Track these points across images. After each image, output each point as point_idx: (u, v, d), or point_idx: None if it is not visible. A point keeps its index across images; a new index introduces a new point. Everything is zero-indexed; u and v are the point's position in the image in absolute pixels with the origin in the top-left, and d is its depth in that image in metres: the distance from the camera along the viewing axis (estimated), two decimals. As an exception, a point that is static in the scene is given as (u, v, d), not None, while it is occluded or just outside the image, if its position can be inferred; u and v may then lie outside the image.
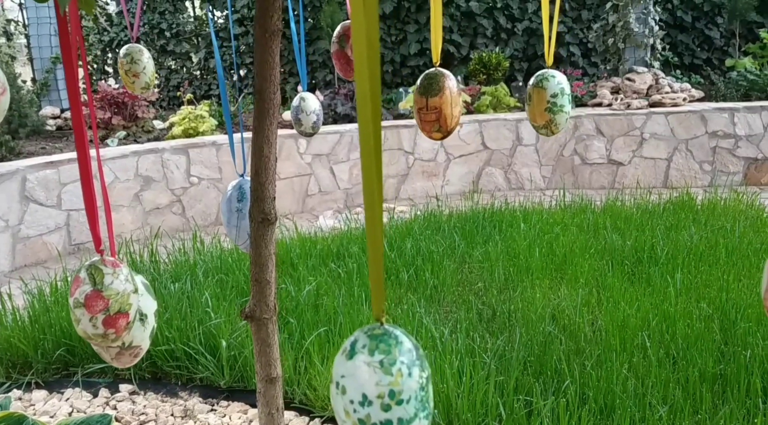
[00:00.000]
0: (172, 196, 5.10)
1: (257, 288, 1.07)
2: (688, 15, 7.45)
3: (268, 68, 1.02)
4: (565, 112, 1.19)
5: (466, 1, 7.53)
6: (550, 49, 1.21)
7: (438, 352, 2.47)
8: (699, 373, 2.27)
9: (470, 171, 5.93)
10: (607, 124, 5.69)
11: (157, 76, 8.67)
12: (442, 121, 1.13)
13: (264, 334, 1.07)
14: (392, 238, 4.09)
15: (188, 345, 2.74)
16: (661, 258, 3.40)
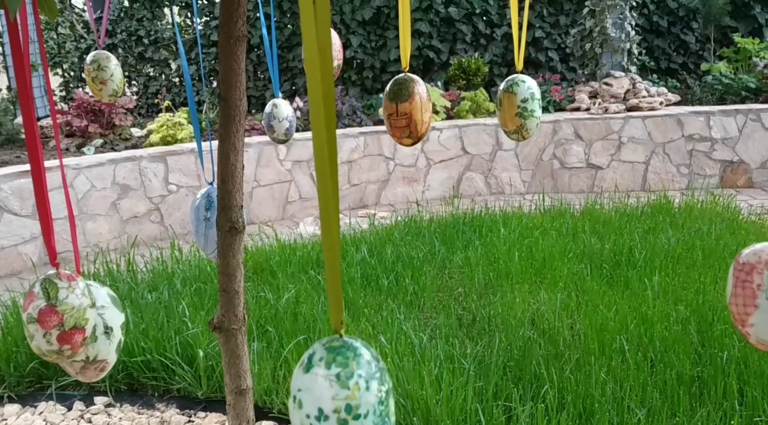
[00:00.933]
0: (150, 204, 5.05)
1: (225, 299, 1.05)
2: (664, 20, 7.55)
3: (233, 75, 1.00)
4: (535, 116, 1.18)
5: (446, 6, 7.56)
6: (520, 54, 1.21)
7: (417, 359, 2.46)
8: (676, 376, 2.27)
9: (451, 176, 5.94)
10: (586, 128, 5.73)
11: (135, 83, 8.60)
12: (413, 127, 1.12)
13: (233, 345, 1.05)
14: (372, 244, 4.07)
15: (165, 356, 2.70)
16: (639, 262, 3.42)
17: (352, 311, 3.07)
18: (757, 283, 0.64)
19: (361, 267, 3.65)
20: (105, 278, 3.79)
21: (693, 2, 7.35)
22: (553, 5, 7.64)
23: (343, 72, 7.98)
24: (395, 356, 2.47)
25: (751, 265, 0.65)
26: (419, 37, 7.65)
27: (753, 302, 0.64)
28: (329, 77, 0.49)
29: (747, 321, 0.65)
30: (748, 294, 0.65)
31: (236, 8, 0.98)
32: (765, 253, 0.65)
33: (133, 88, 8.65)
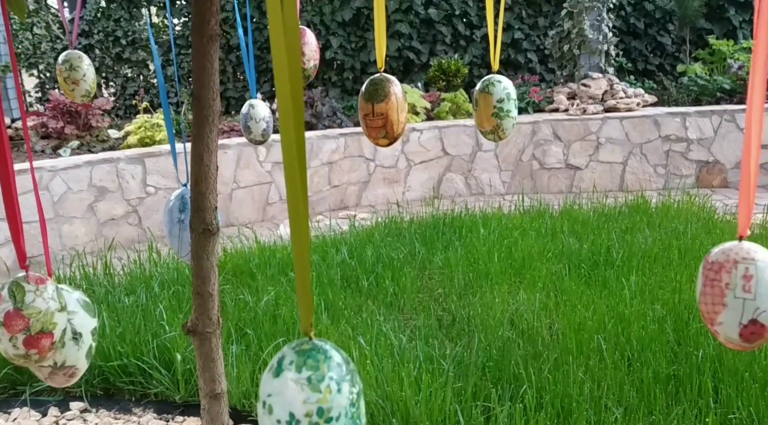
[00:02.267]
0: (128, 206, 4.99)
1: (199, 302, 1.03)
2: (641, 22, 7.64)
3: (206, 74, 0.99)
4: (511, 116, 1.19)
5: (425, 8, 7.58)
6: (496, 54, 1.21)
7: (396, 360, 2.45)
8: (653, 374, 2.30)
9: (431, 177, 5.95)
10: (564, 129, 5.77)
11: (113, 84, 8.50)
12: (389, 127, 1.12)
13: (207, 349, 1.04)
14: (353, 246, 4.07)
15: (142, 360, 2.67)
16: (616, 261, 3.45)
17: (332, 313, 3.06)
18: (725, 282, 0.65)
19: (341, 269, 3.64)
20: (81, 281, 3.74)
21: (669, 4, 7.45)
22: (532, 7, 7.70)
23: (323, 73, 7.96)
24: (375, 358, 2.47)
25: (719, 264, 0.66)
26: (399, 38, 7.66)
27: (721, 301, 0.65)
28: (297, 80, 0.48)
29: (716, 319, 0.66)
30: (716, 292, 0.65)
31: (209, 7, 0.97)
32: (733, 252, 0.66)
33: (110, 89, 8.55)
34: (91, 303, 0.94)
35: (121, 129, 6.30)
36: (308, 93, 6.37)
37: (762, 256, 0.65)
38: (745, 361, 2.30)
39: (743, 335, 0.65)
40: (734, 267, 0.65)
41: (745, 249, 0.66)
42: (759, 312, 0.64)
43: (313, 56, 1.37)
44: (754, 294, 0.64)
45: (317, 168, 5.68)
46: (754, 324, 0.64)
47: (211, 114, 0.99)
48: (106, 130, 5.89)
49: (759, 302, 0.64)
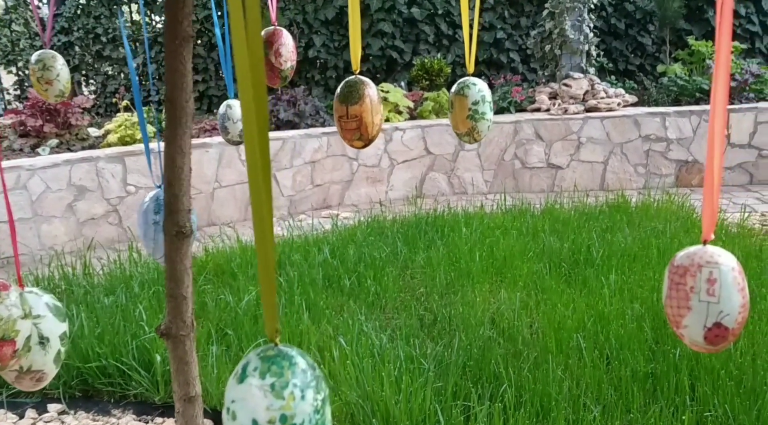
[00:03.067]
0: (108, 205, 4.94)
1: (173, 304, 1.03)
2: (622, 22, 7.70)
3: (179, 76, 0.98)
4: (486, 119, 1.19)
5: (408, 7, 7.58)
6: (471, 56, 1.22)
7: (377, 360, 2.46)
8: (631, 373, 2.32)
9: (414, 176, 5.96)
10: (546, 128, 5.81)
11: (93, 81, 8.41)
12: (363, 129, 1.11)
13: (181, 352, 1.03)
14: (335, 245, 4.06)
15: (121, 361, 2.65)
16: (596, 260, 3.48)
17: (314, 313, 3.06)
18: (690, 286, 0.65)
19: (323, 268, 3.63)
20: (60, 282, 3.70)
21: (649, 5, 7.52)
22: (514, 7, 7.73)
23: (306, 72, 7.94)
24: (355, 357, 2.47)
25: (684, 268, 0.67)
26: (382, 37, 7.66)
27: (686, 304, 0.66)
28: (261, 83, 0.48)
29: (681, 322, 0.67)
30: (681, 296, 0.66)
31: (182, 8, 0.96)
32: (698, 256, 0.67)
33: (90, 87, 8.46)
34: (61, 306, 0.93)
35: (101, 127, 6.24)
36: (291, 92, 6.35)
37: (725, 260, 0.66)
38: (722, 359, 2.33)
39: (707, 338, 0.65)
40: (699, 271, 0.65)
41: (709, 253, 0.67)
42: (722, 316, 0.65)
43: (290, 57, 1.36)
44: (718, 297, 0.64)
45: (300, 167, 5.67)
46: (718, 327, 0.65)
47: (184, 115, 0.98)
48: (85, 128, 5.83)
49: (722, 305, 0.65)
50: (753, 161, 5.71)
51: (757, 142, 5.69)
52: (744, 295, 0.66)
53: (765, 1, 7.67)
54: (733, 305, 0.65)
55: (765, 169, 5.70)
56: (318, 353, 2.67)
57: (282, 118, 5.99)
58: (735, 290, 0.65)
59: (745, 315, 0.67)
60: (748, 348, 2.43)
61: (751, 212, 4.71)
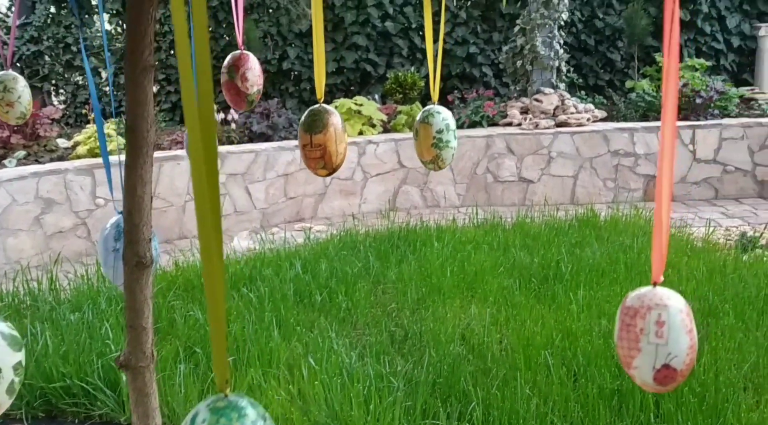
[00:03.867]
0: (77, 218, 4.87)
1: (132, 335, 1.01)
2: (591, 39, 7.84)
3: (140, 105, 0.98)
4: (450, 147, 1.20)
5: (382, 21, 7.63)
6: (436, 85, 1.23)
7: (344, 380, 2.45)
8: (598, 390, 2.35)
9: (387, 189, 5.97)
10: (518, 143, 5.87)
11: (63, 91, 8.29)
12: (327, 158, 1.12)
13: (140, 384, 1.02)
14: (307, 260, 4.05)
15: (86, 381, 2.60)
16: (565, 276, 3.52)
17: (284, 330, 3.04)
18: (639, 327, 0.67)
19: (294, 284, 3.61)
20: (25, 297, 3.63)
21: (618, 22, 7.67)
22: (487, 22, 7.83)
23: (280, 84, 7.93)
24: (325, 376, 2.46)
25: (635, 309, 0.68)
26: (356, 50, 7.69)
27: (636, 345, 0.67)
28: (208, 96, 0.48)
29: (632, 363, 0.68)
30: (632, 337, 0.67)
31: (143, 38, 0.96)
32: (647, 298, 0.68)
33: (60, 97, 8.34)
34: (17, 335, 0.91)
35: (70, 138, 6.14)
36: (264, 104, 6.33)
37: (674, 303, 0.68)
38: (685, 376, 2.37)
39: (657, 379, 0.67)
40: (648, 313, 0.67)
41: (658, 296, 0.68)
42: (671, 358, 0.66)
43: (257, 82, 1.36)
44: (666, 339, 0.66)
45: (273, 180, 5.65)
46: (667, 368, 0.66)
47: (145, 145, 0.98)
48: (54, 139, 5.74)
49: (671, 347, 0.66)
50: (718, 176, 5.84)
51: (721, 158, 5.82)
52: (692, 337, 0.68)
53: (729, 20, 7.88)
54: (681, 347, 0.66)
55: (729, 184, 5.84)
56: (288, 371, 2.65)
57: (255, 131, 5.97)
58: (683, 332, 0.66)
59: (693, 356, 0.68)
60: (711, 364, 2.47)
61: (716, 227, 4.82)
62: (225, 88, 1.38)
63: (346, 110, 6.13)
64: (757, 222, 4.97)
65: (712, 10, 7.87)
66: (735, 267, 3.59)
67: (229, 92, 1.38)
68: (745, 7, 8.03)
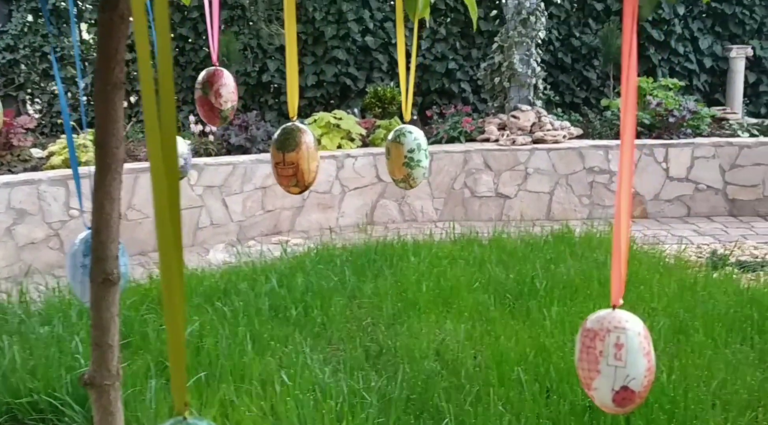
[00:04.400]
0: (49, 229, 4.80)
1: (98, 353, 1.00)
2: (568, 57, 7.96)
3: (110, 121, 0.98)
4: (422, 166, 1.22)
5: (363, 35, 7.67)
6: (408, 104, 1.24)
7: (317, 395, 2.43)
8: (570, 406, 2.36)
9: (365, 203, 5.98)
10: (495, 158, 5.93)
11: (39, 101, 8.19)
12: (299, 176, 1.12)
13: (105, 402, 1.01)
14: (283, 273, 4.03)
15: (54, 396, 2.55)
16: (540, 291, 3.55)
17: (258, 345, 3.02)
18: (599, 350, 0.68)
19: (269, 298, 3.59)
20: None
21: (594, 41, 7.80)
22: (466, 39, 7.91)
23: (259, 96, 7.92)
24: (297, 392, 2.44)
25: (594, 332, 0.69)
26: (336, 64, 7.72)
27: (596, 367, 0.68)
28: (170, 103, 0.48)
29: (591, 385, 0.69)
30: (591, 359, 0.68)
31: (114, 55, 0.96)
32: (606, 321, 0.70)
33: (36, 106, 8.24)
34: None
35: (45, 148, 6.06)
36: (243, 116, 6.32)
37: (632, 326, 0.69)
38: (655, 393, 2.40)
39: (616, 400, 0.68)
40: (607, 336, 0.68)
41: (617, 319, 0.70)
42: (629, 380, 0.67)
43: (231, 98, 1.37)
44: (625, 362, 0.67)
45: (250, 192, 5.62)
46: (625, 390, 0.67)
47: (115, 162, 0.97)
48: (28, 149, 5.66)
49: (629, 370, 0.67)
50: (690, 194, 5.95)
51: (694, 176, 5.93)
52: (650, 360, 0.69)
53: (702, 41, 8.06)
54: (639, 369, 0.68)
55: (702, 202, 5.94)
56: (261, 387, 2.63)
57: (233, 143, 5.95)
58: (641, 355, 0.68)
59: (651, 378, 0.69)
60: (680, 381, 2.50)
61: (687, 244, 4.89)
62: (199, 104, 1.38)
63: (324, 124, 6.14)
64: (727, 240, 5.06)
65: (685, 31, 8.05)
66: (705, 285, 3.65)
67: (203, 108, 1.38)
68: (717, 29, 8.22)
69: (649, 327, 3.01)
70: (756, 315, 3.14)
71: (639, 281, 3.67)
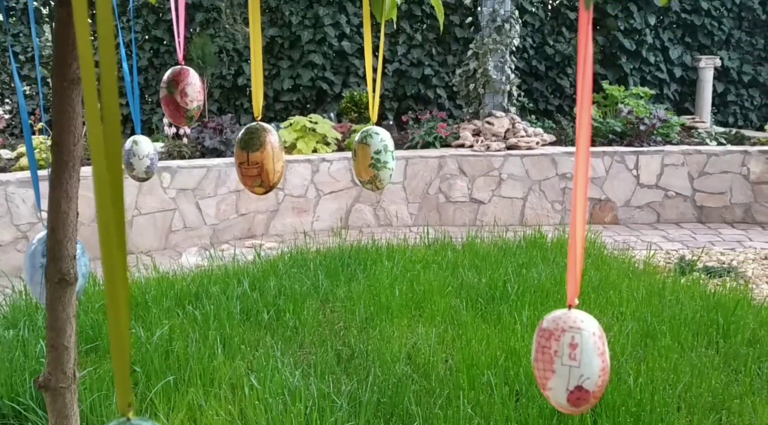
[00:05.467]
0: (17, 232, 4.70)
1: (53, 355, 0.98)
2: (542, 64, 8.05)
3: (67, 119, 0.96)
4: (388, 168, 1.22)
5: (339, 40, 7.68)
6: (375, 106, 1.24)
7: (287, 400, 2.41)
8: (538, 409, 2.38)
9: (340, 207, 5.97)
10: (469, 164, 5.96)
11: (8, 101, 8.05)
12: (264, 176, 1.11)
13: (60, 405, 0.99)
14: (255, 277, 4.00)
15: (17, 401, 2.50)
16: (511, 296, 3.57)
17: (228, 348, 2.99)
18: (554, 349, 0.68)
19: (241, 301, 3.56)
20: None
21: (568, 49, 7.90)
22: (441, 45, 7.96)
23: (235, 99, 7.87)
24: (267, 396, 2.42)
25: (549, 332, 0.69)
26: (313, 68, 7.71)
27: (551, 367, 0.68)
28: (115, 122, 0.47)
29: (546, 385, 0.69)
30: (546, 359, 0.69)
31: (71, 50, 0.94)
32: (561, 321, 0.70)
33: (5, 107, 8.09)
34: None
35: (14, 149, 5.96)
36: (218, 119, 6.27)
37: (587, 326, 0.70)
38: (622, 395, 2.42)
39: (570, 400, 0.68)
40: (562, 335, 0.68)
41: (572, 318, 0.70)
42: (583, 379, 0.68)
43: (197, 97, 1.35)
44: (579, 361, 0.68)
45: (224, 195, 5.58)
46: (580, 390, 0.68)
47: (72, 159, 0.95)
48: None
49: (583, 369, 0.68)
50: (660, 201, 6.04)
51: (663, 183, 6.03)
52: (604, 360, 0.69)
53: (672, 51, 8.21)
54: (594, 369, 0.68)
55: (671, 208, 6.04)
56: (230, 391, 2.60)
57: (207, 146, 5.90)
58: (595, 355, 0.68)
59: (606, 378, 0.70)
60: (647, 384, 2.53)
61: (656, 250, 4.97)
62: (164, 103, 1.37)
63: (300, 127, 6.12)
64: (695, 246, 5.15)
65: (656, 41, 8.19)
66: (673, 290, 3.71)
67: (168, 107, 1.36)
68: (687, 40, 8.39)
69: (618, 331, 3.05)
70: (721, 320, 3.19)
71: (609, 286, 3.71)
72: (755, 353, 2.90)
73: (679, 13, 8.27)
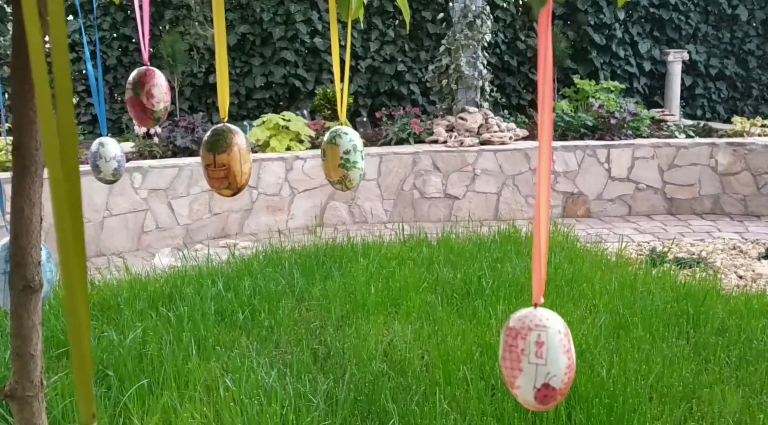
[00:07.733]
0: (-17, 235, 4.60)
1: (19, 364, 0.96)
2: (514, 60, 8.11)
3: (28, 122, 0.94)
4: (358, 168, 1.21)
5: (311, 37, 7.64)
6: (343, 106, 1.24)
7: (262, 401, 2.40)
8: (514, 403, 2.40)
9: (315, 205, 5.95)
10: (443, 160, 5.98)
11: (-28, 100, 7.87)
12: (231, 178, 1.10)
13: (28, 414, 0.97)
14: (230, 277, 3.97)
15: (-14, 409, 2.45)
16: (486, 291, 3.59)
17: (203, 350, 2.96)
18: (521, 348, 0.69)
19: (215, 302, 3.53)
20: None
21: (540, 45, 7.96)
22: (414, 41, 7.97)
23: (207, 98, 7.79)
24: (242, 397, 2.41)
25: (516, 330, 0.70)
26: (285, 65, 7.66)
27: (518, 366, 0.69)
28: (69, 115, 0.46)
29: (514, 383, 0.70)
30: (514, 357, 0.69)
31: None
32: (528, 319, 0.71)
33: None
34: None
35: (-22, 151, 5.81)
36: (189, 118, 6.20)
37: (553, 324, 0.70)
38: (596, 388, 2.46)
39: (538, 398, 0.69)
40: (528, 334, 0.69)
41: (538, 317, 0.71)
42: (550, 377, 0.69)
43: (163, 98, 1.34)
44: (545, 359, 0.68)
45: (197, 195, 5.52)
46: (546, 387, 0.68)
47: (33, 164, 0.94)
48: (-40, 151, 5.42)
49: (550, 367, 0.68)
50: (631, 194, 6.13)
51: (634, 176, 6.11)
52: (570, 357, 0.70)
53: (641, 45, 8.33)
54: (560, 366, 0.69)
55: (642, 201, 6.13)
56: (205, 393, 2.58)
57: (179, 145, 5.83)
58: (561, 352, 0.69)
59: (571, 375, 0.71)
60: (619, 375, 2.57)
61: (628, 242, 5.04)
62: (130, 105, 1.35)
63: (273, 125, 6.08)
64: (666, 237, 5.23)
65: (625, 35, 8.30)
66: (645, 281, 3.76)
67: (134, 109, 1.34)
68: (656, 34, 8.51)
69: (591, 324, 3.09)
70: (691, 310, 3.25)
71: (582, 279, 3.75)
72: (724, 342, 2.96)
73: (648, 8, 8.39)
